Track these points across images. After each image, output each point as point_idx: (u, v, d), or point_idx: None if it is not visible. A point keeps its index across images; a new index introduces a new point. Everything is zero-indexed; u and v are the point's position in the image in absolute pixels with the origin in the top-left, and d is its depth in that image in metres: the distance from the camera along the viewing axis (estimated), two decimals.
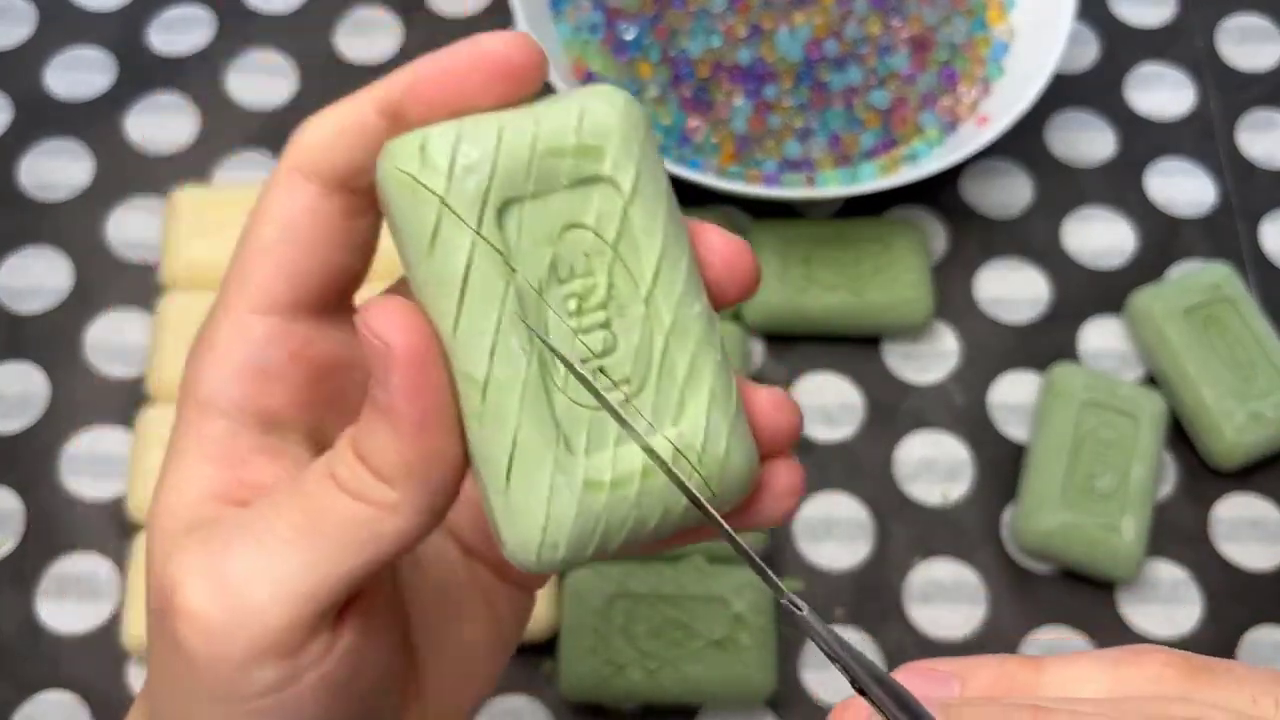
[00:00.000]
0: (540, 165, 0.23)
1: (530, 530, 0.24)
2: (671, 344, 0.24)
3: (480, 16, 0.63)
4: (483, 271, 0.23)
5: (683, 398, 0.25)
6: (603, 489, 0.24)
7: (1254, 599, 0.52)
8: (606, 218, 0.24)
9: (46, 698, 0.49)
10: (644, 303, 0.24)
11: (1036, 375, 0.55)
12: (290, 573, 0.24)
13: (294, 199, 0.26)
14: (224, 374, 0.26)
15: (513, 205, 0.23)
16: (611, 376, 0.24)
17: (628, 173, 0.24)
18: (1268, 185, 0.60)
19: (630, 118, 0.24)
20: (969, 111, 0.58)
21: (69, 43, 0.62)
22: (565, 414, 0.24)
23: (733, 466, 0.25)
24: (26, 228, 0.58)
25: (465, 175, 0.23)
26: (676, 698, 0.48)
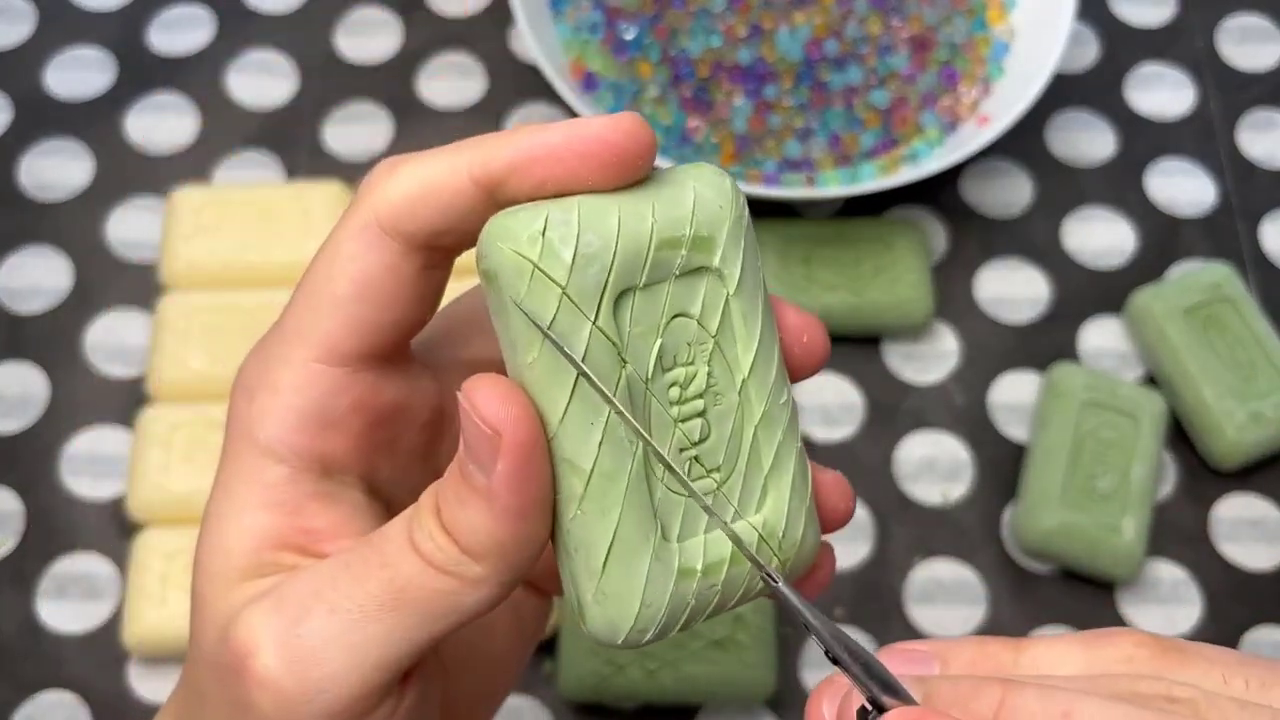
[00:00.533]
0: (656, 256, 0.24)
1: (623, 615, 0.24)
2: (760, 434, 0.25)
3: (480, 16, 0.63)
4: (596, 361, 0.23)
5: (766, 486, 0.25)
6: (694, 577, 0.25)
7: (1254, 599, 0.52)
8: (710, 308, 0.24)
9: (46, 698, 0.49)
10: (738, 392, 0.25)
11: (1036, 375, 0.55)
12: (367, 643, 0.24)
13: (372, 255, 0.25)
14: (287, 422, 0.26)
15: (627, 294, 0.24)
16: (704, 465, 0.25)
17: (735, 265, 0.24)
18: (1268, 185, 0.60)
19: (737, 207, 0.25)
20: (969, 111, 0.58)
21: (69, 43, 0.62)
22: (662, 502, 0.24)
23: (805, 550, 0.26)
24: (26, 228, 0.58)
25: (586, 265, 0.23)
26: (676, 697, 0.48)
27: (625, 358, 0.24)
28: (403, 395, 0.27)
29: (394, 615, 0.24)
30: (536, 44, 0.55)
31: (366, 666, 0.24)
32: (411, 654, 0.24)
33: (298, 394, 0.26)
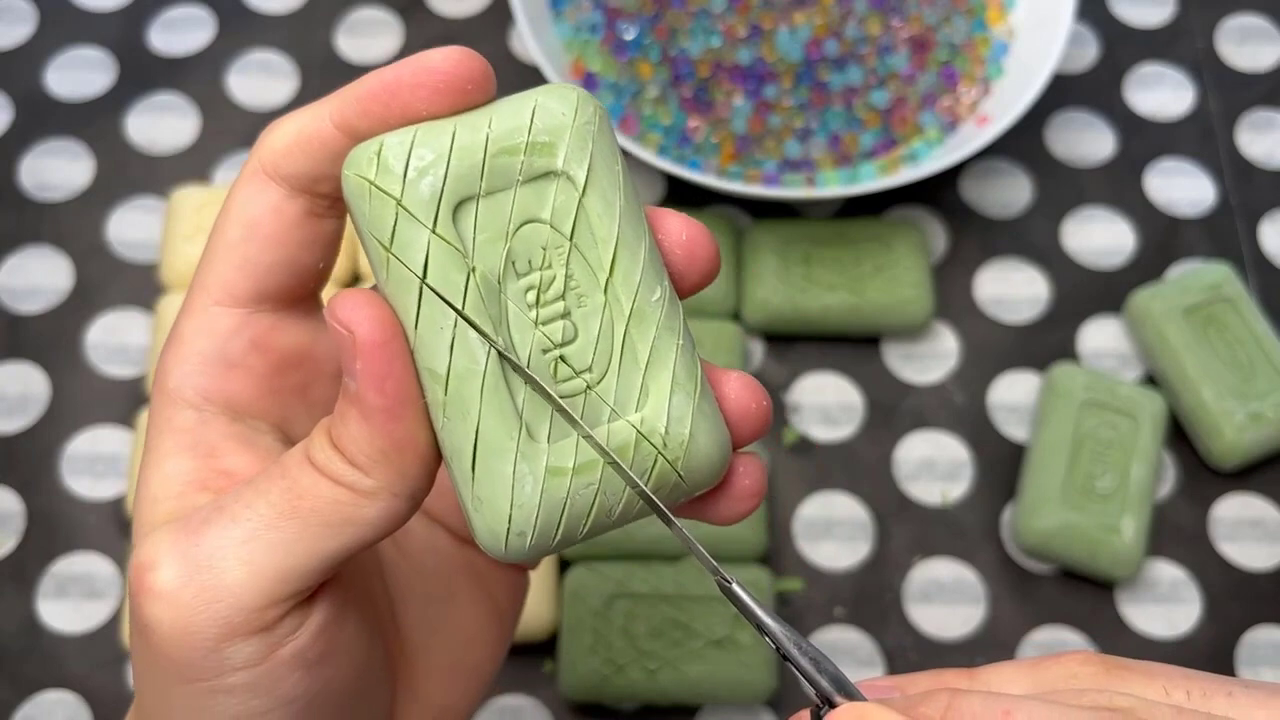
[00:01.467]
0: (493, 164, 0.24)
1: (497, 519, 0.24)
2: (632, 331, 0.25)
3: (480, 16, 0.63)
4: (440, 268, 0.24)
5: (645, 383, 0.25)
6: (566, 475, 0.24)
7: (1253, 599, 0.52)
8: (562, 211, 0.25)
9: (46, 698, 0.49)
10: (603, 292, 0.25)
11: (1036, 375, 0.55)
12: (268, 551, 0.25)
13: (258, 199, 0.27)
14: (189, 365, 0.27)
15: (468, 204, 0.24)
16: (573, 365, 0.25)
17: (581, 166, 0.25)
18: (1268, 185, 0.60)
19: (583, 113, 0.25)
20: (969, 111, 0.58)
21: (69, 43, 0.62)
22: (529, 404, 0.25)
23: (699, 449, 0.25)
24: (26, 228, 0.58)
25: (419, 177, 0.24)
26: (676, 698, 0.48)
27: (471, 263, 0.24)
28: (306, 341, 0.28)
29: (292, 523, 0.25)
30: (536, 44, 0.55)
31: (265, 575, 0.24)
32: (313, 569, 0.25)
33: (198, 337, 0.27)
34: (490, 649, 0.32)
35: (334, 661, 0.26)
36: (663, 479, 0.25)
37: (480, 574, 0.31)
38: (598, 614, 0.48)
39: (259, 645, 0.25)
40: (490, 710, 0.49)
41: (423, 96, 0.25)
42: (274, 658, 0.25)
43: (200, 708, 0.25)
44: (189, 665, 0.25)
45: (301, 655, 0.25)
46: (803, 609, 0.51)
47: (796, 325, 0.55)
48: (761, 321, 0.55)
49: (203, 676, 0.25)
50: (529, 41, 0.55)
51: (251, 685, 0.25)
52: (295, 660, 0.25)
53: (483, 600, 0.31)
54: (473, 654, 0.31)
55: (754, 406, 0.27)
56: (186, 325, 0.28)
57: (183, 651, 0.25)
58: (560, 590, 0.49)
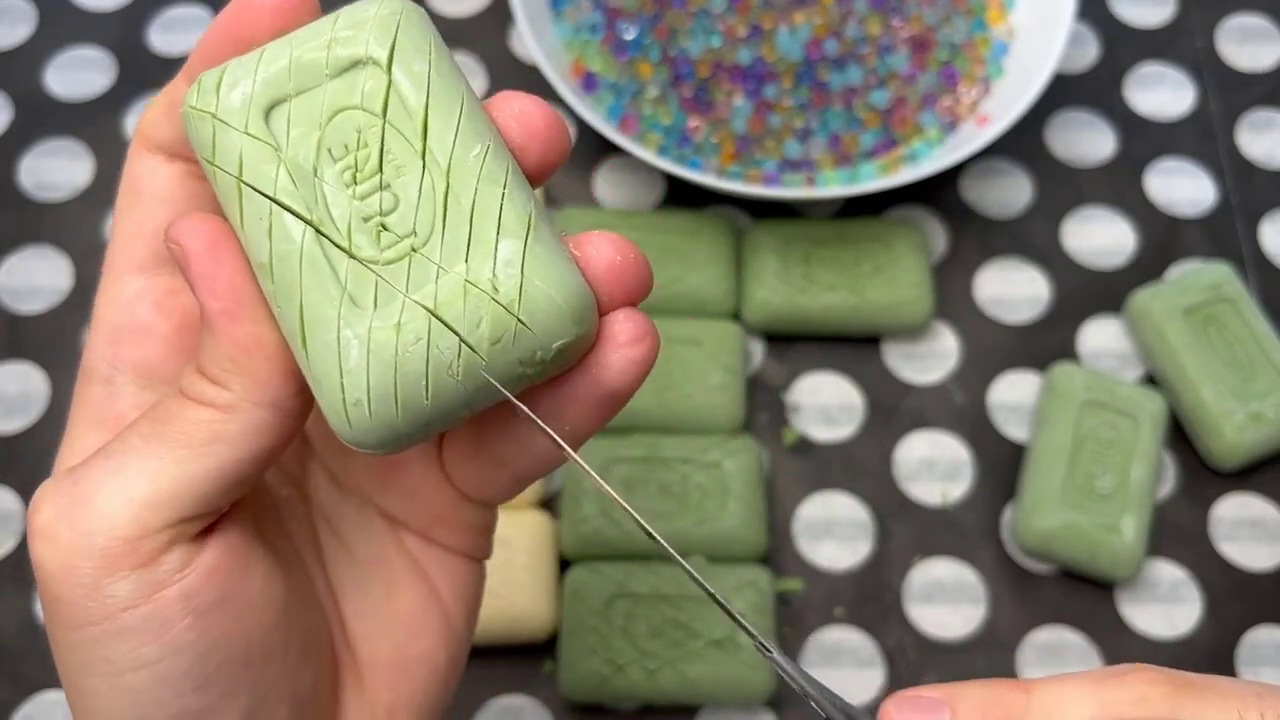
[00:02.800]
0: (299, 64, 0.25)
1: (332, 391, 0.24)
2: (454, 186, 0.25)
3: (480, 16, 0.63)
4: (253, 165, 0.25)
5: (472, 236, 0.25)
6: (391, 332, 0.24)
7: (1254, 599, 0.52)
8: (372, 94, 0.25)
9: (46, 698, 0.49)
10: (421, 158, 0.25)
11: (1036, 375, 0.55)
12: (136, 480, 0.25)
13: (137, 167, 0.28)
14: (100, 339, 0.28)
15: (281, 105, 0.25)
16: (396, 231, 0.25)
17: (383, 47, 0.25)
18: (1268, 185, 0.60)
19: (388, 6, 0.26)
20: (969, 111, 0.58)
21: (69, 43, 0.62)
22: (352, 275, 0.25)
23: (538, 292, 0.24)
24: (26, 228, 0.58)
25: (230, 90, 0.25)
26: (676, 698, 0.48)
27: (282, 156, 0.25)
28: None
29: (161, 448, 0.25)
30: (536, 44, 0.55)
31: (136, 502, 0.25)
32: (186, 492, 0.25)
33: (107, 309, 0.28)
34: (436, 640, 0.31)
35: (231, 612, 0.26)
36: (500, 325, 0.24)
37: (418, 561, 0.31)
38: (598, 614, 0.48)
39: (140, 581, 0.25)
40: (490, 710, 0.49)
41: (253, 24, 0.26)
42: (159, 598, 0.25)
43: (92, 658, 0.25)
44: (74, 606, 0.25)
45: (190, 597, 0.25)
46: (803, 609, 0.51)
47: (796, 325, 0.55)
48: (761, 321, 0.55)
49: (90, 619, 0.25)
50: (529, 41, 0.55)
51: (138, 629, 0.25)
52: (183, 602, 0.25)
53: (422, 588, 0.31)
54: (416, 645, 0.30)
55: (618, 259, 0.26)
56: (98, 302, 0.28)
57: (66, 590, 0.25)
58: (560, 590, 0.49)
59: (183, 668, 0.25)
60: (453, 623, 0.31)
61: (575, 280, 0.25)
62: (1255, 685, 0.23)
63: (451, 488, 0.30)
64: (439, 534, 0.31)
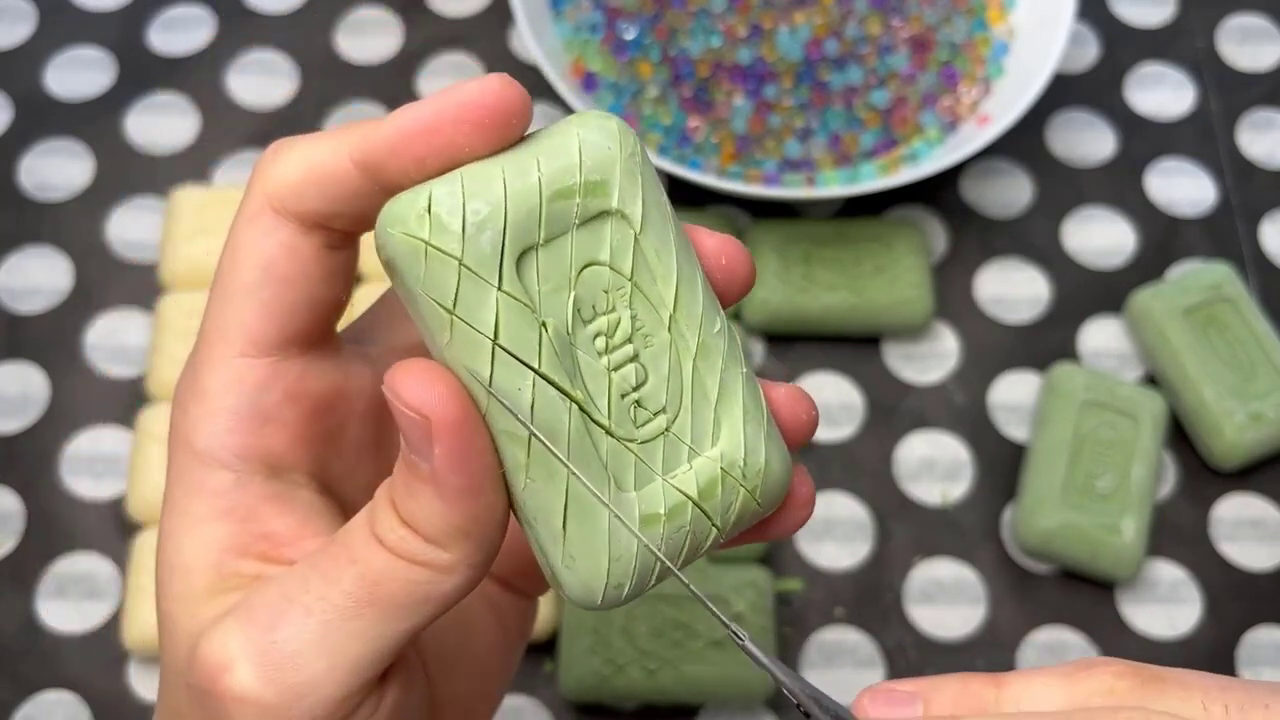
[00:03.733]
0: (550, 209, 0.23)
1: (594, 575, 0.24)
2: (700, 366, 0.25)
3: (480, 16, 0.63)
4: (511, 326, 0.23)
5: (718, 417, 0.25)
6: (659, 522, 0.24)
7: (1254, 599, 0.52)
8: (620, 251, 0.24)
9: (46, 698, 0.49)
10: (668, 329, 0.24)
11: (1036, 375, 0.55)
12: (346, 642, 0.24)
13: (271, 238, 0.25)
14: (221, 424, 0.26)
15: (529, 254, 0.23)
16: (649, 407, 0.24)
17: (635, 202, 0.24)
18: (1268, 185, 0.60)
19: (627, 145, 0.24)
20: (969, 111, 0.58)
21: (69, 43, 0.62)
22: (611, 455, 0.24)
23: (773, 475, 0.25)
24: (26, 228, 0.58)
25: (478, 233, 0.23)
26: (676, 698, 0.48)
27: (541, 318, 0.23)
28: (337, 382, 0.27)
29: (370, 610, 0.24)
30: (536, 44, 0.55)
31: (346, 667, 0.24)
32: (391, 650, 0.24)
33: (227, 393, 0.26)
34: (503, 676, 0.31)
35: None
36: (745, 509, 0.25)
37: (494, 602, 0.31)
38: (598, 614, 0.48)
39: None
40: None
41: (465, 133, 0.23)
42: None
43: None
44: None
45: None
46: (803, 609, 0.51)
47: (796, 325, 0.55)
48: (761, 321, 0.55)
49: None
50: (529, 41, 0.55)
51: None
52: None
53: (497, 628, 0.31)
54: (488, 683, 0.31)
55: (804, 418, 0.27)
56: (211, 380, 0.26)
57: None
58: None
59: None
60: (515, 656, 0.32)
61: (788, 457, 0.26)
62: (1220, 678, 0.23)
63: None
64: (519, 582, 0.31)
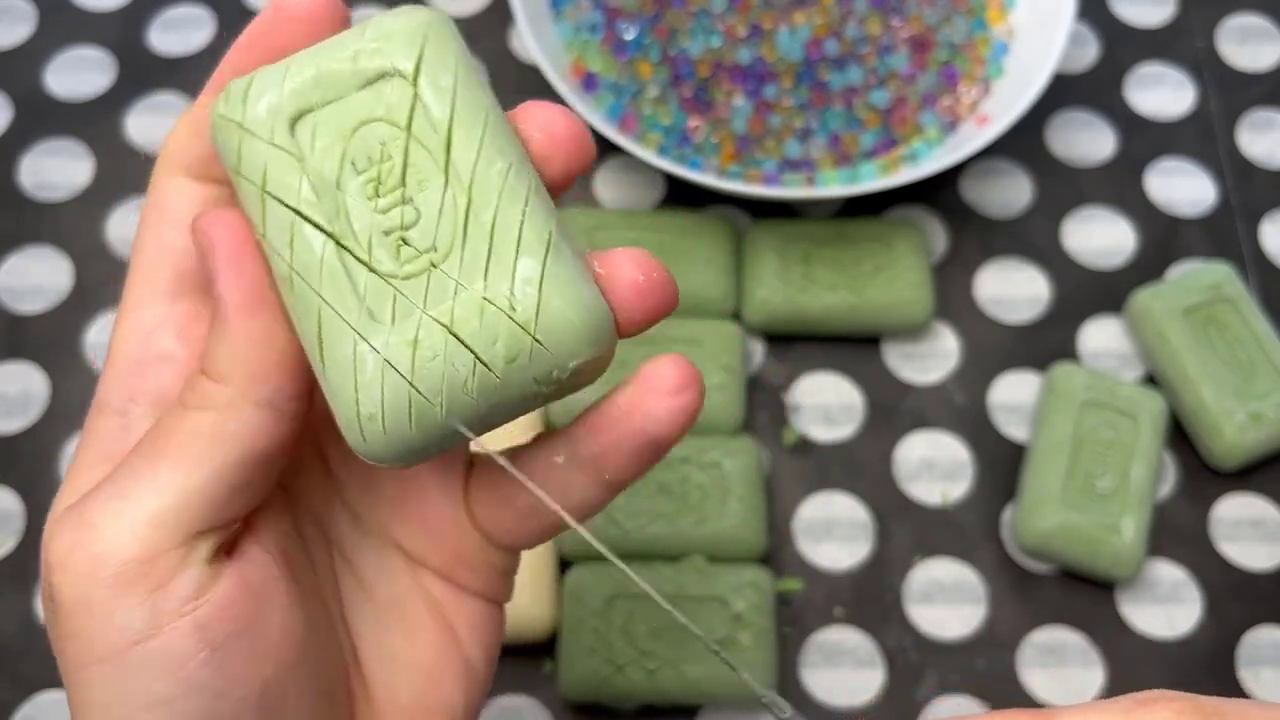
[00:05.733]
0: (325, 74, 0.25)
1: (347, 405, 0.24)
2: (476, 202, 0.25)
3: (480, 16, 0.63)
4: (278, 175, 0.25)
5: (491, 253, 0.25)
6: (407, 347, 0.24)
7: (1254, 599, 0.52)
8: (397, 106, 0.25)
9: (46, 698, 0.49)
10: (444, 173, 0.25)
11: (1036, 375, 0.55)
12: (140, 499, 0.24)
13: (161, 192, 0.27)
14: (116, 371, 0.27)
15: (306, 115, 0.25)
16: (416, 246, 0.25)
17: (409, 59, 0.25)
18: (1268, 185, 0.60)
19: (416, 18, 0.26)
20: (969, 111, 0.58)
21: (69, 43, 0.62)
22: (370, 289, 0.25)
23: (555, 310, 0.24)
24: (26, 228, 0.58)
25: (257, 99, 0.25)
26: (676, 698, 0.48)
27: (305, 167, 0.25)
28: None
29: (158, 461, 0.25)
30: (536, 44, 0.55)
31: (141, 521, 0.24)
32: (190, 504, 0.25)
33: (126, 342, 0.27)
34: (455, 686, 0.30)
35: (248, 648, 0.25)
36: (516, 343, 0.24)
37: (438, 604, 0.30)
38: (598, 614, 0.48)
39: (153, 609, 0.24)
40: (490, 710, 0.49)
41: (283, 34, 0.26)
42: (173, 628, 0.24)
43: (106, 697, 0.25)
44: (89, 640, 0.24)
45: (205, 629, 0.25)
46: (803, 609, 0.51)
47: (796, 325, 0.55)
48: (761, 321, 0.55)
49: (104, 654, 0.24)
50: (529, 41, 0.55)
51: (152, 663, 0.24)
52: (197, 634, 0.25)
53: (443, 633, 0.30)
54: (436, 692, 0.30)
55: (641, 278, 0.26)
56: (115, 332, 0.28)
57: (81, 623, 0.24)
58: (560, 590, 0.49)
59: (198, 707, 0.25)
60: (472, 667, 0.31)
61: (594, 300, 0.25)
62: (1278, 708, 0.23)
63: (476, 530, 0.30)
64: (461, 576, 0.30)
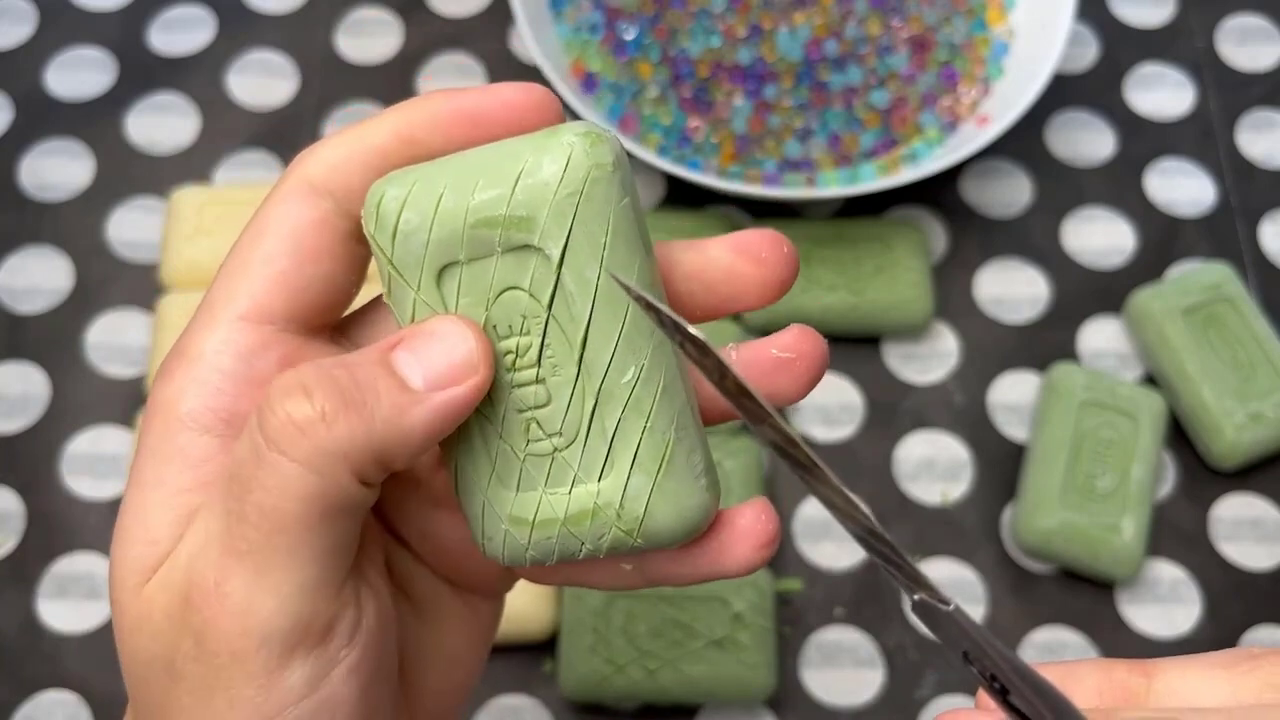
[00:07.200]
0: (472, 234, 0.25)
1: (475, 532, 0.27)
2: (602, 407, 0.26)
3: (480, 16, 0.63)
4: None
5: (611, 456, 0.26)
6: (526, 526, 0.26)
7: (1254, 599, 0.52)
8: (541, 283, 0.25)
9: (46, 698, 0.49)
10: (576, 364, 0.25)
11: (1036, 375, 0.55)
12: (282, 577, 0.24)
13: (303, 212, 0.25)
14: (212, 384, 0.25)
15: (452, 268, 0.25)
16: (544, 428, 0.26)
17: (557, 242, 0.25)
18: (1268, 185, 0.60)
19: (571, 180, 0.24)
20: (969, 111, 0.58)
21: (69, 43, 0.62)
22: (500, 455, 0.26)
23: (659, 525, 0.26)
24: (26, 228, 0.58)
25: (406, 239, 0.25)
26: (676, 698, 0.48)
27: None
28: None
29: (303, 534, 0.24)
30: (536, 44, 0.55)
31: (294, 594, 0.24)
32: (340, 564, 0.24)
33: (222, 353, 0.25)
34: (472, 667, 0.31)
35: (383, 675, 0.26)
36: (620, 543, 0.26)
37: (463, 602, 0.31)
38: (598, 614, 0.48)
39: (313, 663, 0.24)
40: (490, 710, 0.49)
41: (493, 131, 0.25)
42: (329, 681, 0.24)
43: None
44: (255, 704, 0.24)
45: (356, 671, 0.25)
46: (803, 609, 0.51)
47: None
48: (761, 321, 0.55)
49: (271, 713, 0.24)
50: (529, 41, 0.55)
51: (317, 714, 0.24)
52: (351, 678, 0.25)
53: (468, 626, 0.31)
54: (458, 674, 0.31)
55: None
56: (206, 341, 0.25)
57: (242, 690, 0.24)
58: (560, 590, 0.49)
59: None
60: (486, 650, 0.32)
61: (695, 506, 0.26)
62: None
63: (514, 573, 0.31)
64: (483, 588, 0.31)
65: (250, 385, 0.25)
